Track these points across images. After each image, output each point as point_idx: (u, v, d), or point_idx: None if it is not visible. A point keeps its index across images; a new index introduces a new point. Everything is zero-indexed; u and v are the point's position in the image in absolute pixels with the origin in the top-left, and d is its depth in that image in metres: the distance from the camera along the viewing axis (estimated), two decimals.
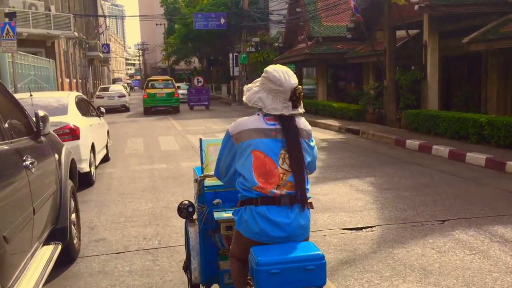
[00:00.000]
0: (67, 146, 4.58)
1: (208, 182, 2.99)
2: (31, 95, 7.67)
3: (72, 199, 4.54)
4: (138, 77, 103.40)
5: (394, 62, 14.60)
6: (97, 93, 27.44)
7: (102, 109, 9.55)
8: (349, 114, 15.53)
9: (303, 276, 2.28)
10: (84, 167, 7.28)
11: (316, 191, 6.85)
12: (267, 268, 2.24)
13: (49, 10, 22.53)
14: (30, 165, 3.13)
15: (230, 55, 33.76)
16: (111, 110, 25.29)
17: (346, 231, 5.09)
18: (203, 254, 2.97)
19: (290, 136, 2.47)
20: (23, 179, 2.97)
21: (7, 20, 12.79)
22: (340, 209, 5.90)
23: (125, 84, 56.81)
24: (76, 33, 26.87)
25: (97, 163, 8.58)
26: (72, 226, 4.43)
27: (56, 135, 4.45)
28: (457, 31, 12.77)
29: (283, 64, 23.49)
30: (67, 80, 27.97)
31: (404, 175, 7.83)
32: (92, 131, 8.13)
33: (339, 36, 20.44)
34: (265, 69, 2.57)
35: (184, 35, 40.50)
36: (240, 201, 2.50)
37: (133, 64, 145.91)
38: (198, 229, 3.02)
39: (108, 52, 56.45)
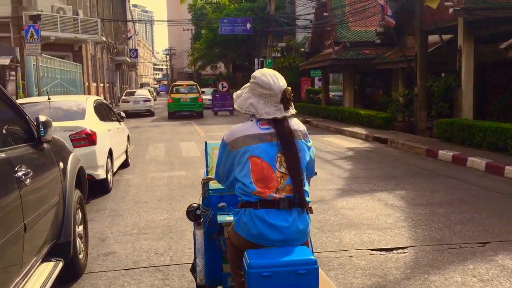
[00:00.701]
0: (75, 153, 4.27)
1: (213, 185, 2.98)
2: (49, 99, 7.51)
3: (80, 210, 4.24)
4: (165, 82, 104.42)
5: (425, 68, 13.99)
6: (123, 97, 27.56)
7: (122, 114, 9.34)
8: (377, 122, 14.97)
9: (295, 280, 2.28)
10: (100, 173, 7.02)
11: (341, 204, 6.40)
12: (258, 271, 2.26)
13: (77, 15, 22.73)
14: (23, 176, 2.82)
15: (256, 60, 33.45)
16: (136, 114, 25.55)
17: (375, 252, 4.63)
18: (207, 256, 3.00)
19: (284, 139, 2.48)
20: (13, 192, 2.66)
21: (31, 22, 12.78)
22: (368, 226, 5.44)
23: (152, 89, 57.37)
24: (103, 38, 27.06)
25: (115, 169, 8.33)
26: (78, 240, 4.13)
27: (63, 141, 4.15)
28: (494, 36, 12.09)
29: (309, 70, 23.14)
30: (94, 84, 28.20)
31: (437, 189, 7.29)
32: (110, 136, 7.88)
33: (367, 41, 19.89)
34: (252, 74, 2.58)
35: (210, 40, 40.48)
36: (240, 203, 2.51)
37: (161, 69, 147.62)
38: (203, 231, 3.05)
39: (136, 57, 57.16)
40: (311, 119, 19.66)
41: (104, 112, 8.27)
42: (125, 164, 9.67)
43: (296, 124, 2.59)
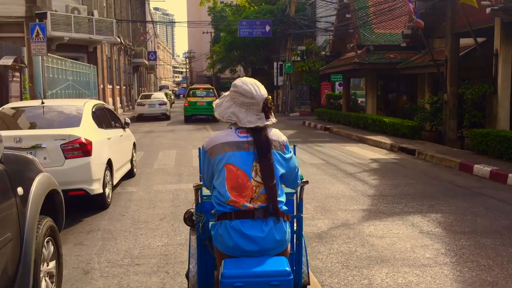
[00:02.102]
0: (46, 173, 3.48)
1: (206, 191, 2.93)
2: (43, 103, 6.80)
3: (51, 242, 3.46)
4: (184, 85, 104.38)
5: (456, 73, 12.96)
6: (138, 100, 27.04)
7: (127, 120, 8.59)
8: (402, 131, 13.96)
9: None
10: (95, 188, 6.27)
11: (369, 230, 5.52)
12: (230, 281, 2.27)
13: (92, 15, 22.23)
14: None
15: (275, 64, 32.69)
16: (151, 118, 25.09)
17: None
18: (200, 262, 2.97)
19: (261, 148, 2.48)
20: None
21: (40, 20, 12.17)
22: (403, 262, 4.54)
23: (170, 92, 57.03)
24: (118, 39, 26.53)
25: (116, 181, 7.58)
26: (47, 281, 3.34)
27: (29, 159, 3.38)
28: None
29: (329, 74, 22.17)
30: (110, 86, 27.71)
31: (479, 212, 6.34)
32: (111, 145, 7.13)
33: (392, 45, 18.87)
34: (233, 83, 2.59)
35: (229, 43, 39.86)
36: (217, 215, 2.51)
37: (181, 72, 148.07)
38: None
39: (155, 59, 56.83)
40: (331, 126, 18.72)
41: (104, 118, 7.53)
42: (130, 174, 8.94)
43: (275, 134, 2.58)
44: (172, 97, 52.34)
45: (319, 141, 15.09)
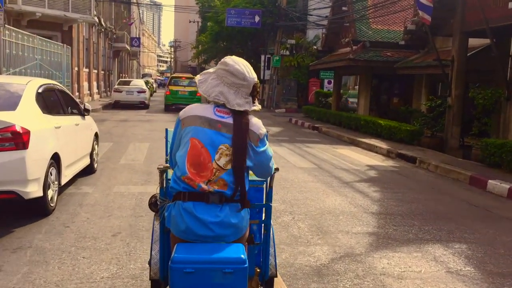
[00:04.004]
0: None
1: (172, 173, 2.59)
2: None
3: None
4: (168, 74, 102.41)
5: (463, 75, 11.83)
6: (115, 86, 25.47)
7: (87, 106, 7.17)
8: (400, 136, 12.80)
9: (221, 279, 2.16)
10: (31, 190, 4.87)
11: (381, 266, 4.27)
12: (180, 266, 2.16)
13: None
14: None
15: (262, 56, 31.33)
16: (128, 106, 23.66)
17: None
18: (162, 250, 2.68)
19: (239, 133, 2.33)
20: None
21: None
22: None
23: (152, 80, 55.25)
24: (97, 19, 24.79)
25: (66, 180, 6.17)
26: None
27: None
28: None
29: (319, 70, 20.87)
30: (86, 70, 25.94)
31: (510, 242, 5.15)
32: (59, 136, 5.72)
33: (389, 42, 17.75)
34: (223, 60, 2.45)
35: (216, 33, 38.31)
36: (173, 195, 2.38)
37: (166, 62, 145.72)
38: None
39: (139, 46, 55.00)
40: (320, 125, 17.50)
41: (55, 102, 6.11)
42: (89, 170, 7.53)
43: (256, 124, 2.41)
44: (154, 85, 50.58)
45: (308, 141, 13.85)
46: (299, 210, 6.06)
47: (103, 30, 31.26)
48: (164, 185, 2.61)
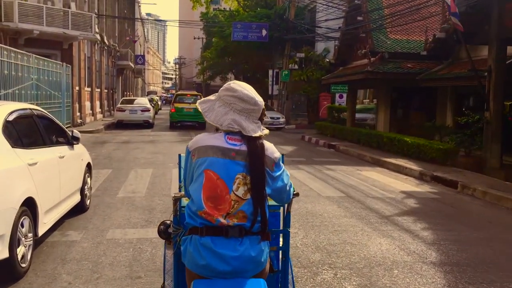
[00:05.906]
0: None
1: (186, 201, 2.45)
2: None
3: None
4: (173, 91, 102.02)
5: (502, 87, 10.59)
6: (118, 105, 24.40)
7: (76, 133, 5.97)
8: (431, 155, 11.50)
9: None
10: None
11: None
12: None
13: (69, 8, 19.60)
14: None
15: (270, 71, 30.25)
16: (132, 125, 22.62)
17: None
18: (177, 279, 2.62)
19: (255, 160, 2.20)
20: None
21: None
22: None
23: (157, 97, 54.40)
24: (98, 36, 23.85)
25: (47, 228, 4.93)
26: None
27: None
28: None
29: (329, 85, 19.66)
30: (88, 89, 24.91)
31: None
32: (35, 174, 4.50)
33: (409, 53, 16.57)
34: (228, 87, 2.30)
35: (221, 48, 37.43)
36: (188, 229, 2.23)
37: (171, 79, 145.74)
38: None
39: (143, 63, 54.36)
40: (337, 143, 16.24)
41: (31, 132, 4.92)
42: (80, 209, 6.32)
43: (269, 149, 2.29)
44: (159, 103, 49.66)
45: (327, 162, 12.58)
46: (340, 262, 4.78)
47: (106, 47, 30.36)
48: (178, 213, 2.52)
